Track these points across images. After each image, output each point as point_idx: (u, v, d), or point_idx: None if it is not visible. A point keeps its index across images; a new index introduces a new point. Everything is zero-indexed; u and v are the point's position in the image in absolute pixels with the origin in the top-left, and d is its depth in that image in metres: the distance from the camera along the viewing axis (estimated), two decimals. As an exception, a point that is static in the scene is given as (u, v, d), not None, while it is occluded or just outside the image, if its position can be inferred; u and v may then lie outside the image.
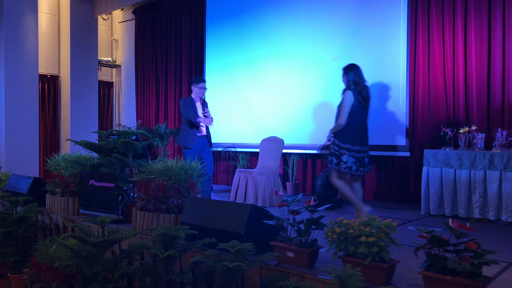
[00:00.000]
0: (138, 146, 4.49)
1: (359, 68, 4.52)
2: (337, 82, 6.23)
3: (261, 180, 5.52)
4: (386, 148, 5.88)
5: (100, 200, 4.49)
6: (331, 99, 6.39)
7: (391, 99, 5.81)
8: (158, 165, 4.16)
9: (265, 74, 7.24)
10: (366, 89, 4.49)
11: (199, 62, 8.70)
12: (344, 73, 4.58)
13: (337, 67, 6.13)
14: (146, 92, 10.03)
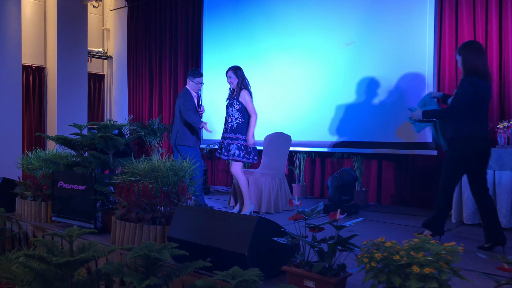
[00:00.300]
0: (119, 142, 3.76)
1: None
2: (350, 71, 5.59)
3: (265, 182, 4.80)
4: (409, 146, 5.16)
5: (75, 206, 3.77)
6: (344, 90, 5.68)
7: (414, 90, 5.09)
8: (143, 165, 3.44)
9: (269, 64, 6.51)
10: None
11: (196, 53, 7.97)
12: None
13: (352, 53, 5.48)
14: (139, 85, 9.31)
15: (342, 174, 4.79)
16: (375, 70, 5.42)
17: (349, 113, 5.63)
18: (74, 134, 3.92)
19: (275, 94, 6.39)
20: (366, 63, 5.49)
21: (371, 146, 5.44)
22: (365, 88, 5.50)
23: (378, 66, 5.37)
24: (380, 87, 5.38)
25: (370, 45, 5.44)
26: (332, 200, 4.75)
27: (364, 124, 5.50)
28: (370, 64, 5.46)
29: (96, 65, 10.29)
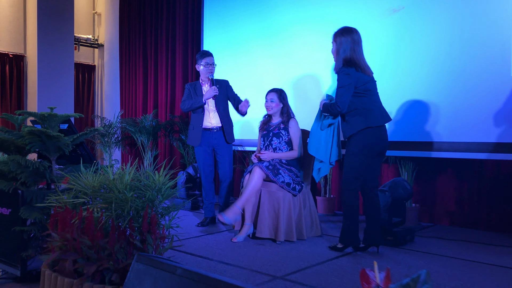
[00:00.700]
0: (63, 143, 2.44)
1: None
2: (395, 48, 4.17)
3: (284, 198, 3.45)
4: (480, 148, 3.77)
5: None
6: (386, 74, 4.31)
7: (492, 73, 3.71)
8: (91, 179, 2.12)
9: (286, 44, 5.16)
10: None
11: (196, 39, 6.62)
12: None
13: (399, 23, 4.06)
14: (132, 76, 8.00)
15: (393, 187, 3.43)
16: (431, 45, 4.05)
17: (393, 104, 4.26)
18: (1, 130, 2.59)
19: (295, 79, 5.03)
20: (418, 37, 4.12)
21: (424, 148, 4.06)
22: (416, 70, 4.13)
23: (437, 39, 4.00)
24: (437, 69, 4.01)
25: (426, 11, 4.06)
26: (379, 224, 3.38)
27: (414, 118, 4.13)
28: (424, 37, 4.08)
29: (86, 54, 9.03)
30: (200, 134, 4.13)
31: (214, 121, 4.17)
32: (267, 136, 3.76)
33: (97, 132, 2.61)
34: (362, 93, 3.10)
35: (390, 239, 3.37)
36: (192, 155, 6.23)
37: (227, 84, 4.32)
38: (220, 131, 4.17)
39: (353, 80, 3.06)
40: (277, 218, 3.43)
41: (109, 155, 7.59)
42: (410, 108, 4.15)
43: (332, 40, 3.24)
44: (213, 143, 4.18)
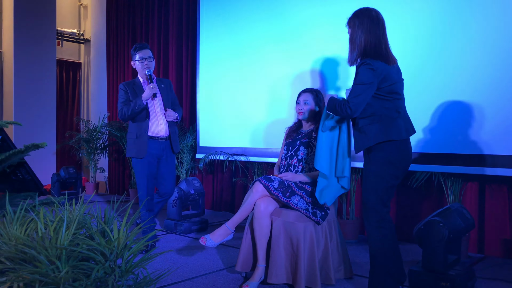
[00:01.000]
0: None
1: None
2: (428, 41, 3.34)
3: (305, 231, 2.61)
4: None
5: None
6: (426, 72, 3.48)
7: None
8: (16, 230, 1.28)
9: (297, 39, 4.32)
10: None
11: (191, 34, 5.78)
12: None
13: (437, 15, 3.18)
14: (120, 75, 7.15)
15: (449, 216, 2.60)
16: (475, 30, 3.23)
17: (429, 108, 3.44)
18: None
19: (306, 76, 4.20)
20: (464, 27, 3.30)
21: (473, 163, 3.23)
22: (465, 68, 3.30)
23: (481, 23, 3.18)
24: (492, 67, 3.18)
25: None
26: (430, 263, 2.56)
27: (460, 126, 3.31)
28: (471, 28, 3.27)
29: (71, 50, 8.20)
30: (146, 144, 3.40)
31: (163, 128, 3.50)
32: (293, 144, 2.93)
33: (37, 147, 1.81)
34: (386, 95, 2.30)
35: (446, 285, 2.54)
36: (185, 166, 5.39)
37: (170, 84, 3.71)
38: (167, 140, 3.54)
39: (376, 78, 2.26)
40: (296, 257, 2.59)
41: (93, 163, 6.76)
42: (455, 113, 3.32)
43: (347, 25, 2.45)
44: (159, 154, 3.49)
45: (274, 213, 2.68)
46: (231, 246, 3.57)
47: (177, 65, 5.99)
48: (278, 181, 2.71)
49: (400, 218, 3.89)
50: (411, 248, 3.64)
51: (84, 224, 1.28)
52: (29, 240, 1.20)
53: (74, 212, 1.38)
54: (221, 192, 5.43)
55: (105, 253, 1.13)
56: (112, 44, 7.34)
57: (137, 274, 1.25)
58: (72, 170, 5.83)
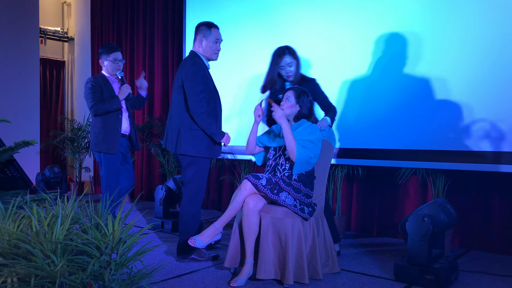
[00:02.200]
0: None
1: None
2: (427, 26, 3.21)
3: (293, 227, 2.65)
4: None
5: None
6: (414, 69, 3.56)
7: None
8: (11, 226, 1.28)
9: (288, 29, 4.35)
10: None
11: (177, 31, 5.77)
12: None
13: (429, 7, 3.24)
14: (105, 73, 7.08)
15: (434, 211, 2.66)
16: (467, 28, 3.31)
17: (414, 105, 3.52)
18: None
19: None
20: (456, 28, 3.38)
21: (457, 159, 3.32)
22: (450, 66, 3.38)
23: (473, 22, 3.26)
24: (475, 65, 3.27)
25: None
26: (415, 257, 2.62)
27: (445, 123, 3.39)
28: (464, 29, 3.35)
29: (54, 48, 8.09)
30: (118, 139, 3.55)
31: (126, 125, 3.67)
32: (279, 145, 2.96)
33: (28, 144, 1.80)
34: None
35: (430, 278, 2.60)
36: (173, 164, 5.39)
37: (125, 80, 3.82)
38: (129, 137, 3.74)
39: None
40: (284, 253, 2.62)
41: (78, 162, 6.70)
42: (442, 110, 3.40)
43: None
44: (125, 150, 3.69)
45: (263, 210, 2.71)
46: (219, 244, 3.59)
47: (163, 63, 5.98)
48: (266, 178, 2.74)
49: (385, 213, 3.96)
50: (396, 243, 3.72)
51: (77, 220, 1.30)
52: (23, 235, 1.21)
53: (67, 208, 1.39)
54: (208, 190, 5.44)
55: (100, 247, 1.15)
56: (97, 42, 7.28)
57: (131, 268, 1.27)
58: (57, 170, 5.78)
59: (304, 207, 2.74)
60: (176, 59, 5.77)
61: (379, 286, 2.64)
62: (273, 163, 2.91)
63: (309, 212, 2.74)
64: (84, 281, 1.10)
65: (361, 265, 3.08)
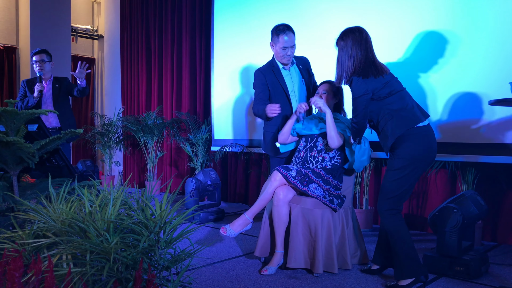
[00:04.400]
0: (27, 152, 1.71)
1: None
2: (456, 27, 3.26)
3: (323, 217, 2.70)
4: None
5: None
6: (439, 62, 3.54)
7: None
8: (60, 209, 1.39)
9: (307, 35, 4.38)
10: None
11: (205, 27, 5.87)
12: None
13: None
14: (134, 70, 7.26)
15: (464, 203, 2.67)
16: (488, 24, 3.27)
17: (441, 98, 3.50)
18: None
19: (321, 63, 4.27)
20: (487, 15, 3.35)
21: (488, 151, 3.29)
22: (479, 57, 3.36)
23: (493, 15, 3.22)
24: (507, 56, 3.23)
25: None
26: (444, 248, 2.64)
27: (475, 116, 3.36)
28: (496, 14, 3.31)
29: (85, 46, 8.32)
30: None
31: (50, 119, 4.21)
32: (311, 137, 3.01)
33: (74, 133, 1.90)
34: (386, 96, 2.44)
35: (460, 269, 2.61)
36: (202, 157, 5.50)
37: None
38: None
39: (369, 87, 2.42)
40: (314, 243, 2.68)
41: (109, 156, 6.89)
42: (472, 103, 3.38)
43: (335, 46, 2.60)
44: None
45: (293, 201, 2.77)
46: (248, 235, 3.67)
47: (190, 59, 6.09)
48: (296, 170, 2.79)
49: (414, 206, 3.96)
50: (425, 236, 3.72)
51: (125, 202, 1.38)
52: (77, 215, 1.30)
53: (111, 192, 1.48)
54: (235, 183, 5.53)
55: (149, 226, 1.23)
56: (126, 39, 7.46)
57: (174, 248, 1.35)
58: (89, 163, 5.97)
59: (333, 198, 2.78)
60: (204, 55, 5.87)
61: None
62: (303, 155, 2.95)
63: (338, 203, 2.79)
64: (135, 257, 1.18)
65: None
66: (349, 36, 2.48)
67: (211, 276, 2.65)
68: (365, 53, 2.46)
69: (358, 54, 2.44)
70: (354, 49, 2.45)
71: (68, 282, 1.18)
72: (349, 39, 2.47)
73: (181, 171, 6.26)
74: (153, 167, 6.22)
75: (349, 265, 2.75)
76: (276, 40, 3.15)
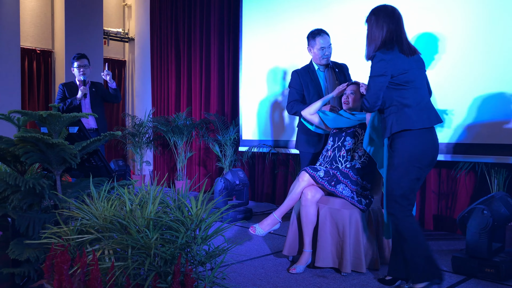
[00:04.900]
0: (69, 153, 1.82)
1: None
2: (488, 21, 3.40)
3: (351, 217, 2.73)
4: None
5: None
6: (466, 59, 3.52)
7: None
8: (102, 207, 1.48)
9: (336, 37, 4.41)
10: None
11: (233, 30, 5.96)
12: None
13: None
14: (164, 72, 7.43)
15: (494, 204, 2.66)
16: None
17: (469, 99, 3.47)
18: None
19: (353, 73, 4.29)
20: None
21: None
22: (497, 56, 3.31)
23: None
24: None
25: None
26: (474, 250, 2.63)
27: (499, 116, 3.32)
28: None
29: (116, 49, 8.55)
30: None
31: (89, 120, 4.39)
32: (338, 136, 3.04)
33: (113, 136, 1.99)
34: (402, 85, 2.36)
35: (490, 271, 2.60)
36: (230, 157, 5.59)
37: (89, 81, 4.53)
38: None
39: (389, 69, 2.33)
40: (342, 242, 2.71)
41: (140, 156, 7.08)
42: (502, 104, 3.34)
43: (365, 22, 2.53)
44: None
45: (321, 201, 2.81)
46: (276, 234, 3.73)
47: (219, 60, 6.19)
48: (324, 170, 2.83)
49: (443, 207, 3.93)
50: (453, 238, 3.69)
51: (162, 201, 1.47)
52: (118, 213, 1.39)
53: (150, 191, 1.57)
54: (262, 183, 5.60)
55: (185, 223, 1.31)
56: (156, 42, 7.63)
57: (209, 245, 1.42)
58: (121, 163, 6.15)
59: (361, 198, 2.81)
60: (232, 56, 5.96)
61: (437, 278, 2.66)
62: (331, 154, 2.99)
63: (366, 204, 2.81)
64: (173, 252, 1.26)
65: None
66: (381, 10, 2.44)
67: (241, 273, 2.72)
68: (395, 27, 2.39)
69: (389, 28, 2.38)
70: (385, 22, 2.39)
71: (112, 275, 1.26)
72: (380, 13, 2.42)
73: (209, 170, 6.38)
74: (182, 167, 6.35)
75: (377, 265, 2.77)
76: (313, 43, 3.34)
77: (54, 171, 1.91)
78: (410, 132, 2.32)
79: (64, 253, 1.36)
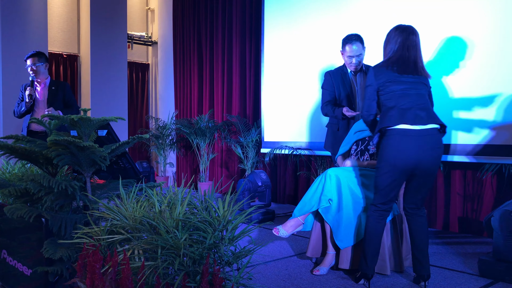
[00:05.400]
0: (99, 155, 1.88)
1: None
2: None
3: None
4: None
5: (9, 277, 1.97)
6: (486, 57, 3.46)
7: None
8: (131, 208, 1.53)
9: (366, 22, 4.39)
10: None
11: (255, 33, 6.00)
12: None
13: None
14: (186, 75, 7.53)
15: None
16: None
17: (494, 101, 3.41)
18: (21, 139, 2.04)
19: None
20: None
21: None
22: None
23: None
24: None
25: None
26: (501, 253, 2.59)
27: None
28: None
29: (139, 52, 8.70)
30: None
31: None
32: (362, 140, 3.05)
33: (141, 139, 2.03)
34: (388, 93, 2.48)
35: (518, 275, 2.55)
36: (252, 159, 5.63)
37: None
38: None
39: (375, 80, 2.50)
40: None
41: (163, 158, 7.18)
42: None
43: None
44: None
45: (344, 202, 2.81)
46: (299, 235, 3.74)
47: (241, 62, 6.24)
48: None
49: (469, 210, 3.88)
50: (479, 241, 3.63)
51: (190, 202, 1.50)
52: (147, 213, 1.44)
53: (178, 193, 1.61)
54: (284, 185, 5.61)
55: (213, 224, 1.34)
56: (179, 45, 7.74)
57: (235, 246, 1.45)
58: (145, 165, 6.25)
59: None
60: (254, 59, 6.00)
61: (463, 281, 2.64)
62: (355, 158, 2.99)
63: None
64: (201, 253, 1.29)
65: (443, 260, 3.07)
66: (393, 31, 2.57)
67: (265, 274, 2.74)
68: (398, 48, 2.50)
69: (392, 49, 2.52)
70: (390, 43, 2.54)
71: (142, 275, 1.31)
72: (391, 33, 2.56)
73: (231, 172, 6.43)
74: (205, 168, 6.42)
75: (401, 268, 2.76)
76: (344, 49, 3.39)
77: (84, 173, 1.97)
78: (389, 136, 2.40)
79: (96, 253, 1.41)
